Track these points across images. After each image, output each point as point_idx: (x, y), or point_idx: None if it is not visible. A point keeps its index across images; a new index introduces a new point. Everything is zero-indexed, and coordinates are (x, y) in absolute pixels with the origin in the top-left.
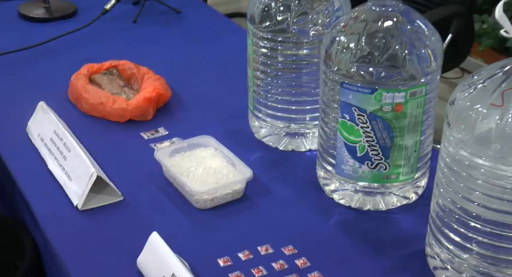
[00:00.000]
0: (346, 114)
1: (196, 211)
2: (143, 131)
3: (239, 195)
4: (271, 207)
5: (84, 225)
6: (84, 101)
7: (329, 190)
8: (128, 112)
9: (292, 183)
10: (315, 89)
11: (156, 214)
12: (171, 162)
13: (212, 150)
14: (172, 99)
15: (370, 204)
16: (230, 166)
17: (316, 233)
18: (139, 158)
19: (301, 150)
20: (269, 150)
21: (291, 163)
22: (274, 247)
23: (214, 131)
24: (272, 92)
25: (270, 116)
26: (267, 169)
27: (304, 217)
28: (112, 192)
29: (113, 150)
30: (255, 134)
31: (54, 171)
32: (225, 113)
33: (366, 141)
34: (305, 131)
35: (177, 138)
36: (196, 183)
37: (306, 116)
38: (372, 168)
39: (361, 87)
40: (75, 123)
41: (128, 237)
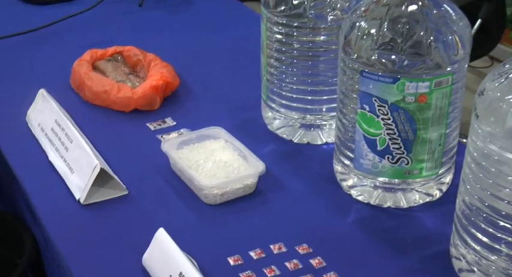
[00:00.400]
0: (366, 105)
1: (205, 207)
2: (149, 121)
3: (251, 190)
4: (284, 203)
5: (86, 221)
6: (87, 88)
7: (346, 186)
8: (134, 101)
9: (307, 177)
10: (332, 78)
11: (162, 209)
12: (178, 154)
13: (222, 142)
14: (180, 88)
15: (390, 201)
16: (241, 160)
17: (332, 231)
18: (145, 150)
19: (317, 143)
20: (283, 143)
21: (306, 156)
22: (287, 245)
23: (224, 122)
24: (287, 81)
25: (284, 106)
26: (280, 163)
27: (319, 214)
28: (116, 186)
29: (117, 141)
30: (268, 126)
31: (55, 163)
32: (236, 102)
33: (387, 133)
34: (321, 123)
35: (185, 129)
36: (205, 177)
37: (322, 107)
38: (392, 162)
39: (383, 76)
40: (78, 112)
41: (132, 233)
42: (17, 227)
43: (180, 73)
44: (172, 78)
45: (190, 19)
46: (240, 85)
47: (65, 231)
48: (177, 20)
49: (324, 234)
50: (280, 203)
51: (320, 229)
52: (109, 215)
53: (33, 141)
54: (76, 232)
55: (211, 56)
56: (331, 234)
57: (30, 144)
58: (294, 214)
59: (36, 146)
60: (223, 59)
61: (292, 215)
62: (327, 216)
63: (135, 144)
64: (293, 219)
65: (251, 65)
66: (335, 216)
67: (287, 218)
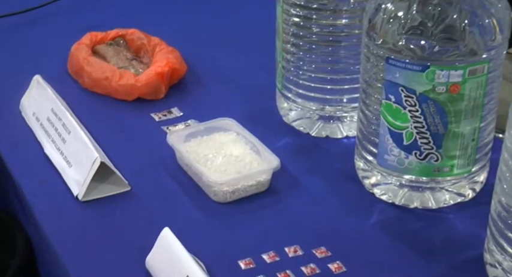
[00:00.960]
0: (392, 95)
1: (214, 205)
2: (154, 112)
3: (264, 188)
4: (301, 202)
5: (85, 219)
6: (86, 75)
7: (369, 184)
8: (137, 89)
9: (326, 174)
10: (354, 65)
11: (168, 207)
12: (186, 147)
13: (233, 134)
14: (187, 75)
15: (417, 201)
16: (254, 154)
17: (353, 233)
18: (149, 143)
19: (337, 137)
20: (299, 136)
21: (325, 151)
22: (304, 248)
23: (236, 113)
24: (304, 69)
25: (302, 96)
26: (296, 158)
27: (339, 214)
28: (118, 181)
29: (119, 132)
30: (284, 117)
31: (51, 156)
32: (248, 92)
33: (415, 127)
34: (342, 115)
35: (193, 120)
36: (214, 172)
37: (343, 97)
38: (420, 159)
39: (410, 63)
40: (76, 101)
41: (135, 233)
42: (9, 226)
43: (187, 59)
44: (179, 65)
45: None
46: (253, 73)
47: (62, 231)
48: (185, 0)
49: (344, 236)
50: (296, 202)
51: (339, 231)
52: (110, 213)
53: (27, 132)
54: (74, 231)
55: (221, 41)
56: (351, 237)
57: (23, 135)
58: (311, 215)
59: (30, 137)
60: (235, 44)
61: (309, 215)
62: (347, 216)
63: (138, 136)
64: (310, 220)
65: (265, 50)
66: (356, 216)
67: (303, 218)
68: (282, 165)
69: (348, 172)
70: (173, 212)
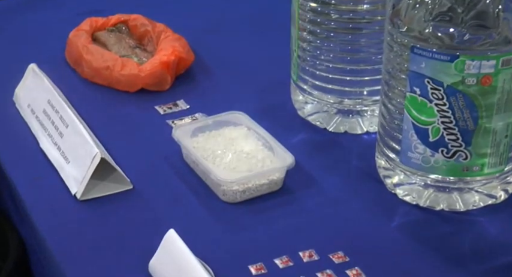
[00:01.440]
0: (417, 88)
1: (223, 206)
2: (158, 104)
3: (277, 187)
4: (316, 203)
5: (84, 219)
6: (86, 64)
7: (391, 184)
8: (140, 79)
9: (344, 173)
10: (376, 54)
11: (173, 207)
12: (192, 143)
13: (244, 129)
14: (195, 65)
15: (444, 203)
16: (266, 151)
17: (373, 237)
18: (154, 138)
19: (357, 133)
20: (316, 132)
21: (343, 148)
22: (319, 253)
23: (247, 106)
24: (322, 58)
25: (318, 88)
26: (312, 155)
27: (358, 217)
28: (119, 179)
29: (120, 126)
30: (299, 111)
31: (47, 151)
32: (261, 83)
33: (442, 122)
34: (362, 108)
35: (200, 113)
36: (224, 170)
37: (363, 89)
38: (448, 157)
39: (438, 53)
40: (75, 92)
41: (138, 235)
42: (1, 226)
43: (194, 47)
44: (186, 53)
45: None
46: (265, 62)
47: (58, 232)
48: None
49: (363, 240)
50: (311, 203)
51: (358, 234)
52: (110, 213)
53: (21, 125)
54: (72, 233)
55: (231, 28)
56: (371, 241)
57: (18, 128)
58: (328, 216)
59: (25, 131)
60: (246, 32)
61: (326, 217)
62: (367, 219)
63: (141, 130)
64: (327, 222)
65: (279, 38)
66: (377, 219)
67: (319, 220)
68: (296, 162)
69: (368, 171)
70: (179, 213)
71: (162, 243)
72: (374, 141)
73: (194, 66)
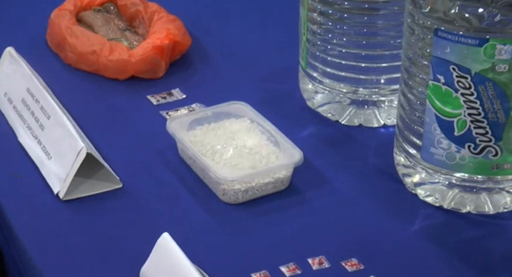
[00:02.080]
0: (441, 76)
1: (223, 207)
2: (151, 93)
3: (283, 186)
4: (328, 204)
5: (68, 222)
6: (70, 48)
7: (411, 183)
8: (131, 66)
9: (359, 171)
10: (395, 38)
11: (167, 208)
12: (189, 137)
13: (247, 121)
14: (192, 50)
15: (471, 204)
16: (272, 146)
17: (391, 243)
18: (146, 131)
19: (373, 126)
20: (327, 125)
21: (358, 143)
22: (331, 260)
23: (250, 96)
24: (334, 43)
25: (330, 76)
26: (323, 151)
27: (374, 220)
28: (107, 177)
29: (109, 118)
30: (308, 101)
31: (26, 146)
32: (265, 70)
33: (469, 114)
34: (379, 99)
35: (198, 104)
36: (224, 167)
37: (380, 77)
38: (475, 153)
39: (465, 36)
40: (57, 79)
41: (128, 239)
42: None
43: (191, 30)
44: (182, 37)
45: None
46: (271, 47)
47: (39, 236)
48: None
49: (380, 246)
50: (321, 204)
51: (374, 239)
52: (97, 215)
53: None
54: (54, 237)
55: (233, 8)
56: (389, 247)
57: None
58: (340, 219)
59: (1, 123)
60: (250, 12)
61: (338, 220)
62: (384, 222)
63: (132, 122)
64: (339, 225)
65: (286, 20)
66: (395, 223)
67: (331, 224)
68: (305, 159)
69: (385, 168)
70: (173, 215)
71: (154, 248)
72: (392, 136)
73: (191, 51)
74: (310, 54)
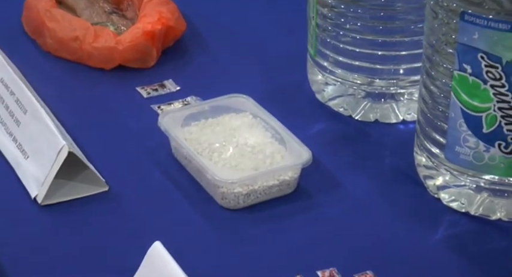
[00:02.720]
0: (468, 65)
1: (222, 212)
2: (141, 85)
3: (290, 189)
4: (339, 210)
5: (47, 229)
6: (49, 33)
7: (434, 187)
8: (118, 53)
9: (375, 173)
10: (416, 23)
11: (159, 215)
12: (184, 134)
13: (249, 117)
14: (187, 36)
15: (501, 210)
16: (277, 144)
17: (410, 254)
18: (135, 127)
19: (390, 122)
20: (339, 120)
21: (373, 141)
22: (343, 272)
23: (252, 88)
24: (346, 28)
25: (342, 65)
26: (334, 149)
27: (392, 227)
28: (92, 179)
29: (93, 113)
30: (317, 94)
31: (0, 144)
32: (269, 59)
33: (499, 108)
34: (397, 91)
35: (193, 97)
36: (223, 168)
37: (399, 67)
38: (506, 152)
39: (495, 20)
40: (35, 69)
41: (115, 248)
42: None
43: (186, 13)
44: (176, 21)
45: None
46: (275, 33)
47: (14, 245)
48: None
49: (398, 257)
50: (332, 210)
51: (392, 250)
52: (80, 222)
53: None
54: (31, 246)
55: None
56: (408, 258)
57: None
58: (354, 227)
59: None
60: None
61: (351, 228)
62: (403, 230)
63: (119, 117)
64: (352, 234)
65: (293, 2)
66: (415, 231)
67: (343, 232)
68: (314, 159)
69: (404, 170)
70: (166, 221)
71: (145, 258)
72: (412, 133)
73: (186, 37)
74: (320, 41)
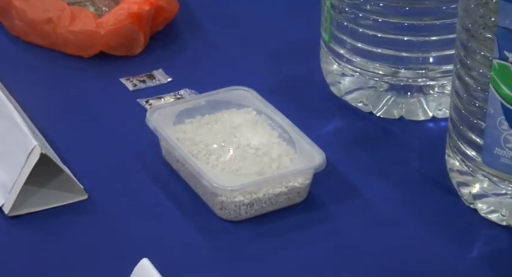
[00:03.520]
0: (510, 52)
1: (221, 225)
2: (126, 76)
3: (300, 198)
4: (358, 223)
5: (15, 244)
6: (18, 15)
7: (469, 196)
8: (99, 38)
9: (399, 179)
10: (448, 3)
11: (147, 227)
12: (177, 133)
13: (252, 113)
14: (180, 18)
15: None
16: (285, 145)
17: (442, 273)
18: (119, 125)
19: (418, 119)
20: (357, 117)
21: (398, 142)
22: None
23: (256, 80)
24: (367, 9)
25: (362, 53)
26: (351, 151)
27: (419, 243)
28: (68, 186)
29: (70, 109)
30: (332, 87)
31: None
32: (276, 46)
33: None
34: (426, 83)
35: (187, 90)
36: (222, 172)
37: (428, 55)
38: None
39: None
40: (1, 57)
41: (96, 265)
42: None
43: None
44: (166, 1)
45: None
46: (283, 15)
47: None
48: None
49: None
50: (350, 222)
51: (421, 269)
52: (55, 236)
53: None
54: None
55: None
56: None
57: None
58: (375, 243)
59: None
60: None
61: (372, 244)
62: (434, 247)
63: (101, 114)
64: (373, 251)
65: None
66: (448, 247)
67: (363, 248)
68: (328, 162)
69: (434, 176)
70: (155, 235)
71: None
72: (444, 132)
73: (178, 19)
74: (336, 24)
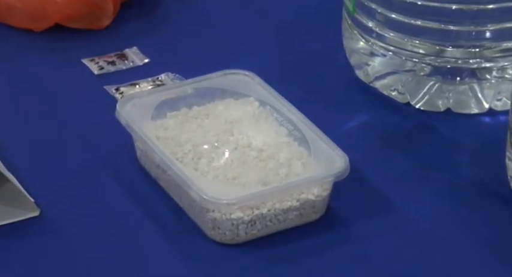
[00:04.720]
0: None
1: (213, 249)
2: (91, 56)
3: (316, 214)
4: (391, 243)
5: None
6: None
7: None
8: (54, 8)
9: (445, 188)
10: None
11: (118, 251)
12: (157, 130)
13: (254, 104)
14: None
15: None
16: (296, 145)
17: None
18: (81, 120)
19: (470, 112)
20: (390, 110)
21: (443, 141)
22: None
23: (259, 61)
24: None
25: (396, 26)
26: (382, 154)
27: (472, 268)
28: (17, 200)
29: (19, 98)
30: (357, 71)
31: None
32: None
33: None
34: (481, 66)
35: (170, 74)
36: (215, 181)
37: (484, 28)
38: None
39: None
40: None
41: None
42: None
43: None
44: None
45: None
46: None
47: None
48: None
49: None
50: (380, 243)
51: None
52: (1, 259)
53: None
54: None
55: None
56: None
57: None
58: (414, 268)
59: None
60: None
61: (410, 270)
62: (489, 272)
63: (57, 105)
64: None
65: None
66: (507, 273)
67: (397, 275)
68: (352, 167)
69: (490, 184)
70: (128, 261)
71: None
72: (503, 128)
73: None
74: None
